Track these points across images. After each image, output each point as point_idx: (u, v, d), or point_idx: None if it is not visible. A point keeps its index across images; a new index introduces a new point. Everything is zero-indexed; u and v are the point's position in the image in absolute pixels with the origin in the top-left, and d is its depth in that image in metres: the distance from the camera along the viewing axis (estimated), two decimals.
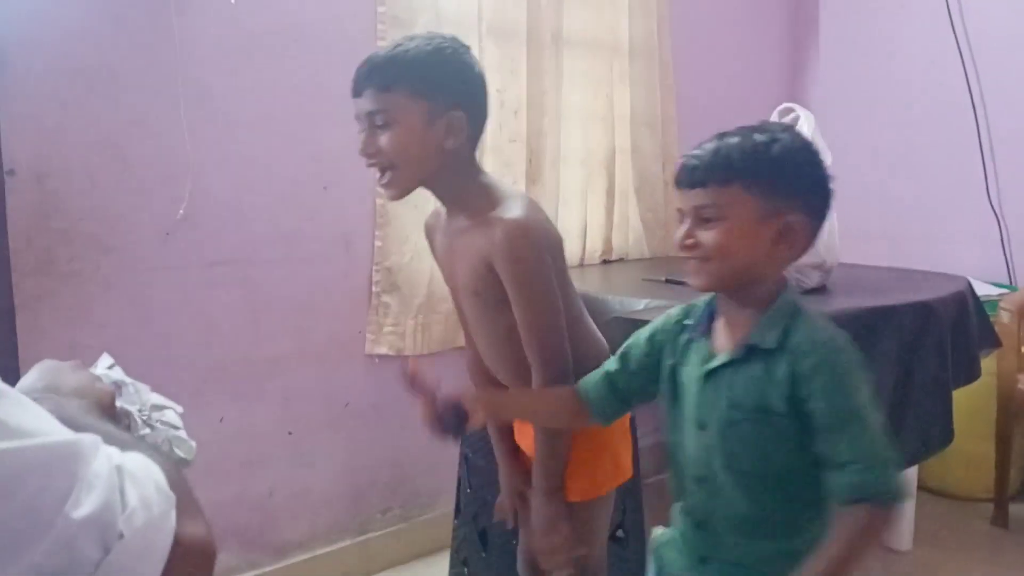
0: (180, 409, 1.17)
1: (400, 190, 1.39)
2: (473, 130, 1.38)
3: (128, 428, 1.26)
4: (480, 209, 1.36)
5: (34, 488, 0.59)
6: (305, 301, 2.22)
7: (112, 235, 1.89)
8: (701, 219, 1.10)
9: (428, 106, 1.31)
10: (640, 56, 2.86)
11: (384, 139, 1.32)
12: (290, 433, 2.21)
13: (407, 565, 2.41)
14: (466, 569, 1.92)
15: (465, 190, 1.39)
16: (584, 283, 2.35)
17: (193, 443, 1.10)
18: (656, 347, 1.24)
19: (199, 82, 1.98)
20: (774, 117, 2.19)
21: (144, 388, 1.22)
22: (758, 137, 1.10)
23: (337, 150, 2.23)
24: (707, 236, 1.09)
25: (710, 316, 1.19)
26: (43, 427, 0.63)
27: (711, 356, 1.15)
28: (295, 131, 2.16)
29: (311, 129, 2.19)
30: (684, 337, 1.21)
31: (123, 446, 0.72)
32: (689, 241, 1.11)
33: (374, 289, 2.33)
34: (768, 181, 1.08)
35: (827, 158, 2.04)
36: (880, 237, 3.10)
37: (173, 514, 0.67)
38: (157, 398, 1.20)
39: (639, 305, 1.96)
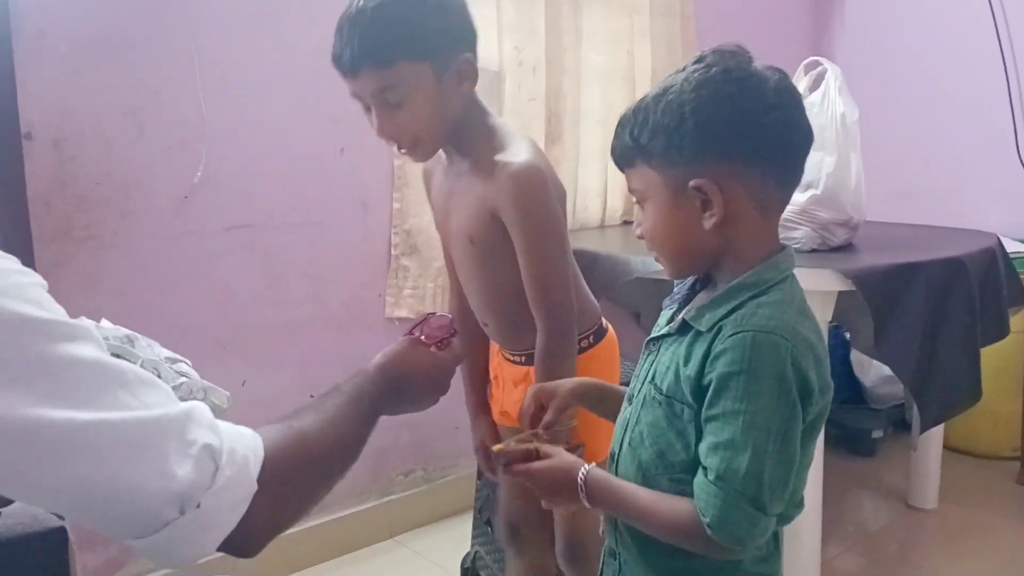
0: (189, 362, 1.17)
1: (429, 155, 1.33)
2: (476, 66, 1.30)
3: (159, 377, 1.26)
4: (484, 151, 1.29)
5: (130, 458, 0.68)
6: (323, 265, 2.21)
7: (129, 200, 1.88)
8: (639, 204, 0.97)
9: (435, 63, 1.22)
10: (661, 12, 2.80)
11: (402, 116, 1.24)
12: (311, 396, 2.21)
13: (430, 526, 2.43)
14: (489, 529, 1.92)
15: (469, 131, 1.31)
16: (605, 244, 2.33)
17: (227, 392, 1.12)
18: None
19: (214, 46, 1.96)
20: (799, 71, 2.14)
21: (153, 342, 1.22)
22: (649, 95, 0.93)
23: (353, 113, 2.19)
24: (644, 224, 0.96)
25: (699, 284, 1.02)
26: (142, 406, 0.70)
27: (666, 325, 1.01)
28: (310, 94, 2.13)
29: (326, 92, 2.14)
30: (666, 302, 1.07)
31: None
32: (637, 230, 0.99)
33: (393, 252, 2.32)
34: (660, 150, 0.90)
35: (854, 113, 2.02)
36: (908, 194, 3.05)
37: (248, 502, 0.74)
38: (167, 351, 1.20)
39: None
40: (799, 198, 1.99)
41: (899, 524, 2.49)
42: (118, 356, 1.21)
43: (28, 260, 1.71)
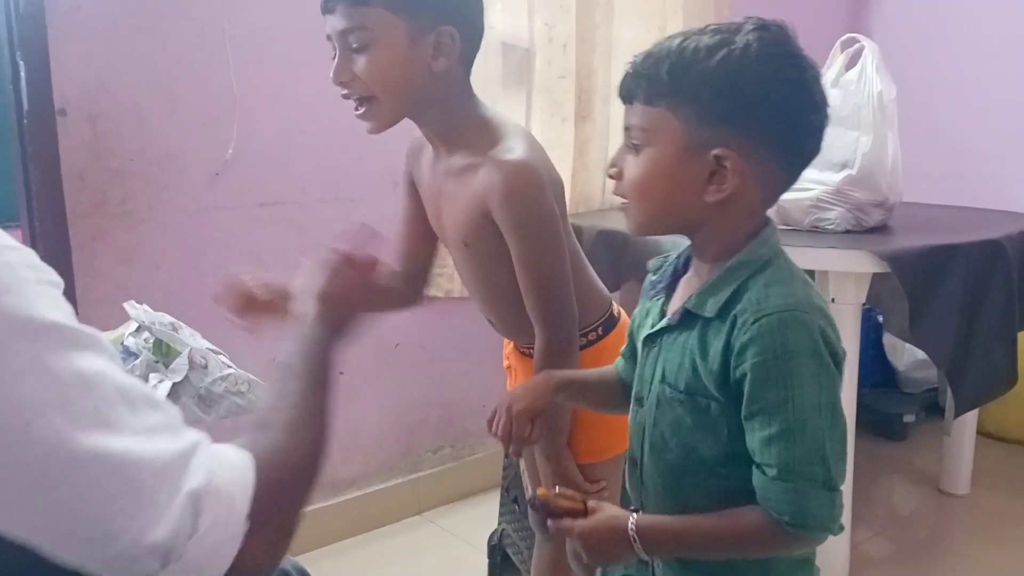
0: (226, 355, 1.18)
1: (381, 123, 1.22)
2: (466, 50, 1.20)
3: (206, 367, 1.28)
4: (475, 147, 1.20)
5: (108, 498, 0.61)
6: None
7: (163, 175, 1.90)
8: (630, 144, 0.90)
9: (412, 21, 1.14)
10: None
11: (361, 63, 1.15)
12: (342, 373, 2.21)
13: (458, 503, 2.44)
14: (516, 507, 1.93)
15: (458, 124, 1.23)
16: None
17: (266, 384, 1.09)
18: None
19: (245, 21, 1.96)
20: (836, 48, 2.10)
21: (195, 332, 1.23)
22: (702, 41, 0.85)
23: None
24: (629, 167, 0.90)
25: (681, 268, 0.98)
26: (146, 431, 0.64)
27: (660, 318, 0.96)
28: None
29: None
30: (649, 293, 1.01)
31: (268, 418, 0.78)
32: (612, 171, 0.92)
33: None
34: (698, 102, 0.84)
35: (892, 91, 1.99)
36: (945, 175, 2.99)
37: (239, 541, 0.68)
38: (207, 343, 1.21)
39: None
40: (833, 178, 1.96)
41: (930, 509, 2.47)
42: (160, 344, 1.22)
43: (63, 235, 1.75)
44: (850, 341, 1.90)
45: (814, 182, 1.99)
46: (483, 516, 2.20)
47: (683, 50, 0.85)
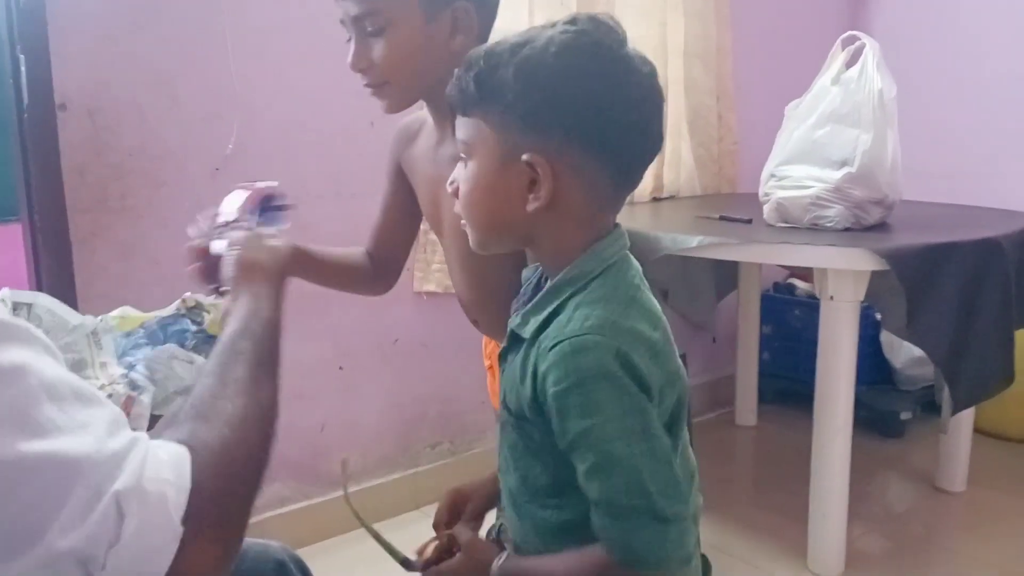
0: None
1: (397, 104, 1.19)
2: (483, 25, 1.15)
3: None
4: None
5: (27, 500, 0.56)
6: (353, 237, 2.21)
7: (163, 170, 1.90)
8: (461, 158, 0.87)
9: (424, 2, 1.11)
10: None
11: (378, 48, 1.12)
12: (341, 368, 2.23)
13: None
14: None
15: None
16: (634, 221, 2.31)
17: None
18: None
19: (246, 17, 1.96)
20: (837, 46, 2.10)
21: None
22: (508, 42, 0.81)
23: None
24: (461, 183, 0.87)
25: (545, 281, 0.91)
26: (71, 428, 0.59)
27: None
28: (341, 66, 2.11)
29: None
30: (513, 307, 0.96)
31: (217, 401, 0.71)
32: (450, 187, 0.88)
33: (421, 227, 2.31)
34: (503, 107, 0.80)
35: (892, 89, 1.99)
36: (945, 173, 2.99)
37: (175, 545, 0.61)
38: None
39: (692, 242, 1.92)
40: (833, 176, 1.96)
41: (926, 507, 2.47)
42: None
43: (63, 230, 1.75)
44: (848, 338, 1.92)
45: (813, 180, 2.00)
46: None
47: (490, 54, 0.81)
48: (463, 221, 0.88)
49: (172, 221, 1.93)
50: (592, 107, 0.79)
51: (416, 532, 1.02)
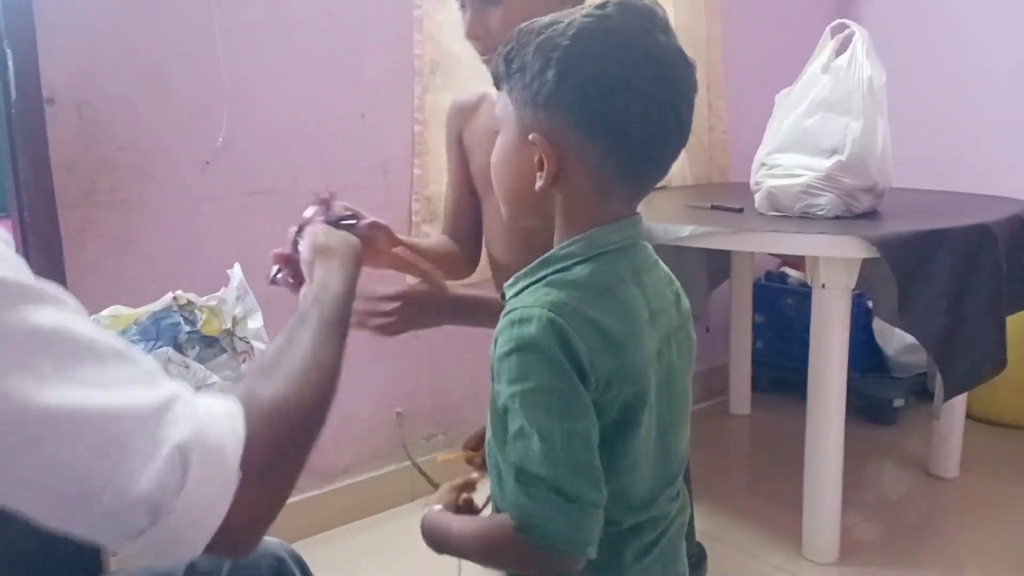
0: None
1: None
2: None
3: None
4: None
5: (84, 454, 0.58)
6: None
7: (153, 164, 1.89)
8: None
9: None
10: None
11: (495, 17, 1.15)
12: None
13: None
14: None
15: None
16: None
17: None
18: None
19: (236, 10, 1.95)
20: (826, 34, 2.10)
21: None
22: (540, 22, 0.83)
23: (374, 77, 2.20)
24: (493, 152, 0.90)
25: None
26: (117, 384, 0.61)
27: None
28: (331, 59, 2.13)
29: (347, 57, 2.15)
30: None
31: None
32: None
33: (414, 219, 2.32)
34: (521, 85, 0.82)
35: (881, 77, 1.99)
36: (935, 160, 3.00)
37: (232, 493, 0.64)
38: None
39: (684, 232, 1.92)
40: (823, 164, 1.97)
41: (919, 493, 2.49)
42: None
43: (53, 225, 1.74)
44: (840, 326, 1.92)
45: (804, 168, 2.00)
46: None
47: (521, 32, 0.83)
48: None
49: (163, 215, 1.92)
50: (597, 93, 0.79)
51: (411, 524, 1.02)
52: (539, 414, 0.77)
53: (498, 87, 0.87)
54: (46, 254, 1.74)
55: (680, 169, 2.86)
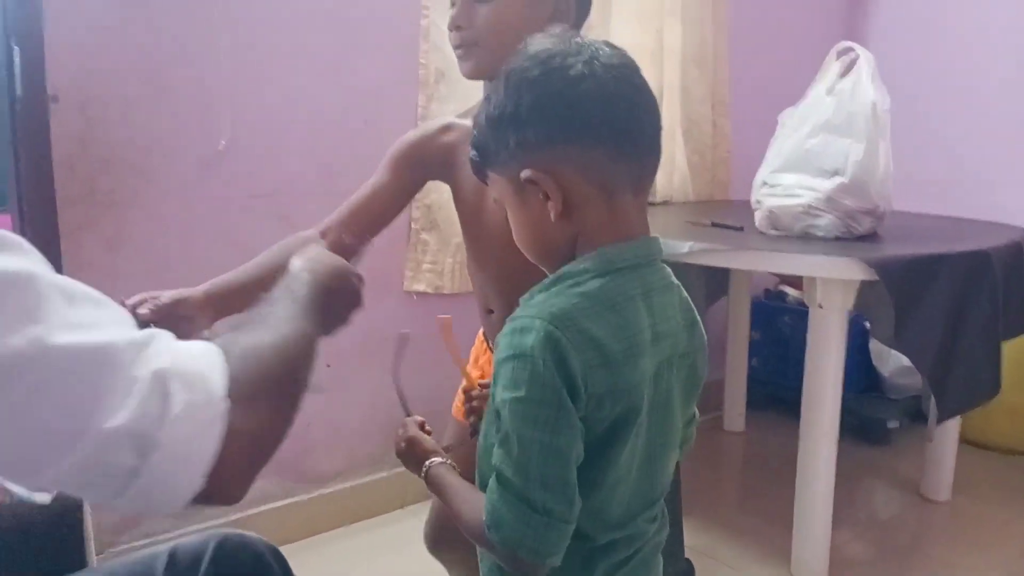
0: None
1: (477, 68, 1.23)
2: (578, 17, 1.23)
3: None
4: None
5: (60, 394, 0.57)
6: None
7: (153, 165, 1.89)
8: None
9: None
10: None
11: (483, 12, 1.18)
12: (328, 366, 2.23)
13: None
14: None
15: None
16: None
17: None
18: None
19: (240, 13, 1.96)
20: (832, 56, 2.11)
21: None
22: (479, 115, 0.91)
23: (378, 84, 2.20)
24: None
25: None
26: (88, 324, 0.60)
27: None
28: (336, 64, 2.13)
29: (352, 62, 2.16)
30: None
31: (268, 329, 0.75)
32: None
33: (413, 226, 2.32)
34: (493, 150, 0.88)
35: (885, 101, 2.00)
36: (936, 184, 3.01)
37: (221, 422, 0.63)
38: None
39: (683, 248, 1.93)
40: (825, 185, 1.97)
41: (911, 515, 2.49)
42: None
43: (51, 222, 1.74)
44: (836, 347, 1.92)
45: (805, 188, 2.00)
46: None
47: (475, 122, 0.91)
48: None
49: (161, 215, 1.92)
50: (544, 102, 0.84)
51: (402, 530, 1.03)
52: (523, 424, 0.79)
53: (481, 177, 0.93)
54: (43, 249, 1.73)
55: (682, 185, 2.87)
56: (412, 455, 1.02)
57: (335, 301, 0.99)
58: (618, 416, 0.84)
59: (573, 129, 0.84)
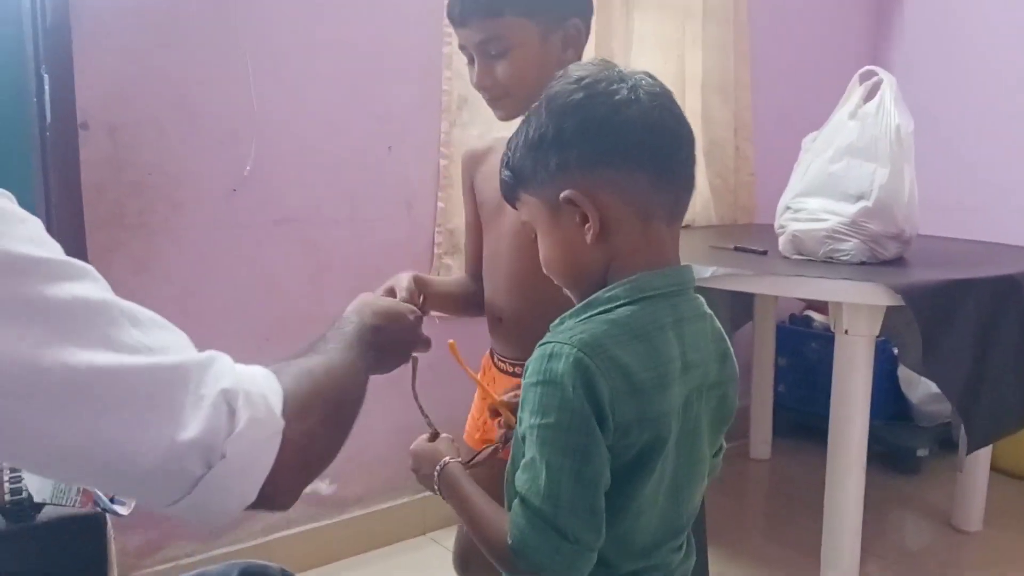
0: None
1: (513, 113, 1.28)
2: (586, 38, 1.30)
3: None
4: None
5: (140, 409, 0.62)
6: (367, 261, 2.22)
7: (180, 190, 1.92)
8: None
9: (542, 22, 1.23)
10: (714, 18, 2.78)
11: (501, 68, 1.24)
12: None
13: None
14: None
15: None
16: None
17: None
18: None
19: (266, 39, 1.99)
20: (855, 80, 2.10)
21: None
22: (514, 135, 0.94)
23: (401, 110, 2.22)
24: (542, 257, 0.96)
25: None
26: (159, 348, 0.65)
27: None
28: (360, 91, 2.15)
29: (376, 89, 2.18)
30: None
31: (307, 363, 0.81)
32: (545, 270, 0.97)
33: (436, 251, 2.33)
34: (531, 171, 0.90)
35: (909, 124, 1.98)
36: (963, 208, 2.97)
37: (279, 439, 0.69)
38: None
39: (706, 273, 1.91)
40: (849, 209, 1.95)
41: (941, 545, 2.44)
42: None
43: (80, 245, 1.76)
44: (863, 373, 1.90)
45: (829, 212, 1.99)
46: None
47: (510, 142, 0.93)
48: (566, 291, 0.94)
49: (187, 240, 1.94)
50: (587, 127, 0.85)
51: (424, 557, 1.03)
52: (551, 450, 0.80)
53: (513, 201, 0.94)
54: None
55: (705, 209, 2.86)
56: (427, 457, 1.03)
57: (388, 338, 1.09)
58: (645, 445, 0.84)
59: (616, 153, 0.85)
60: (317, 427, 0.76)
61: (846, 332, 1.88)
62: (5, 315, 0.58)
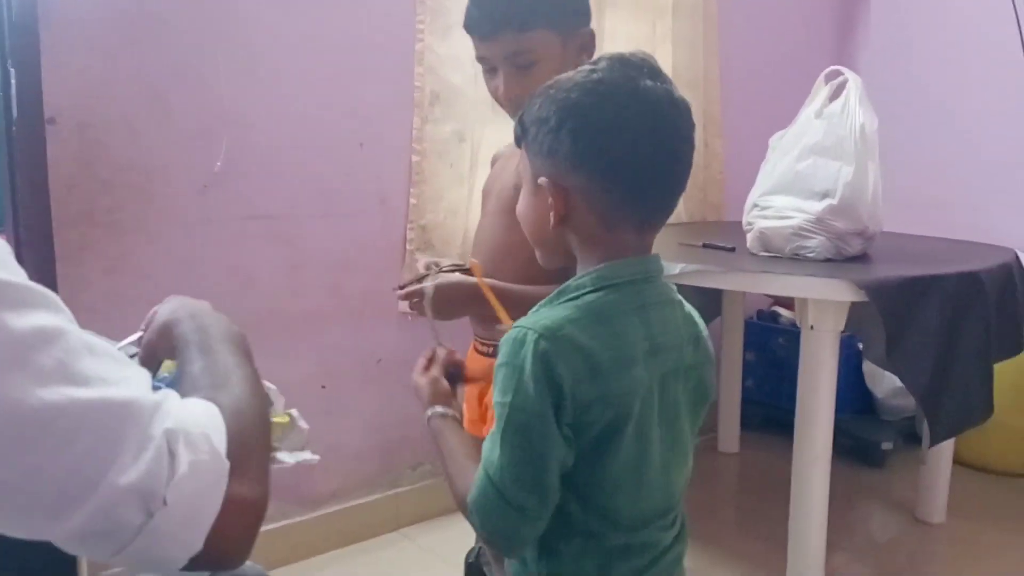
0: None
1: None
2: (594, 42, 1.37)
3: None
4: None
5: (82, 448, 0.59)
6: (340, 257, 2.23)
7: (152, 186, 1.90)
8: None
9: (564, 32, 1.31)
10: (684, 15, 2.80)
11: (528, 79, 1.28)
12: (323, 387, 2.23)
13: (437, 519, 2.44)
14: None
15: None
16: None
17: (282, 399, 1.10)
18: None
19: (239, 35, 1.98)
20: (821, 80, 2.14)
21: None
22: (543, 88, 0.96)
23: (373, 106, 2.22)
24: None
25: None
26: (115, 386, 0.62)
27: None
28: (332, 87, 2.15)
29: (348, 85, 2.18)
30: None
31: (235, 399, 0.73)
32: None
33: (408, 247, 2.33)
34: (531, 138, 0.95)
35: (874, 123, 2.02)
36: (927, 205, 3.02)
37: (224, 482, 0.64)
38: None
39: (675, 269, 1.94)
40: (815, 207, 1.99)
41: (906, 537, 2.48)
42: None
43: (48, 243, 1.75)
44: (828, 368, 1.93)
45: (796, 210, 2.02)
46: (461, 534, 2.17)
47: (534, 95, 0.96)
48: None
49: (159, 237, 1.93)
50: (583, 133, 0.89)
51: (396, 553, 1.05)
52: (509, 427, 0.87)
53: (519, 146, 0.99)
54: (40, 271, 1.75)
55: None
56: (419, 397, 1.12)
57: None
58: (609, 422, 0.89)
59: (597, 170, 0.90)
60: (259, 465, 0.71)
61: (812, 327, 1.92)
62: None
